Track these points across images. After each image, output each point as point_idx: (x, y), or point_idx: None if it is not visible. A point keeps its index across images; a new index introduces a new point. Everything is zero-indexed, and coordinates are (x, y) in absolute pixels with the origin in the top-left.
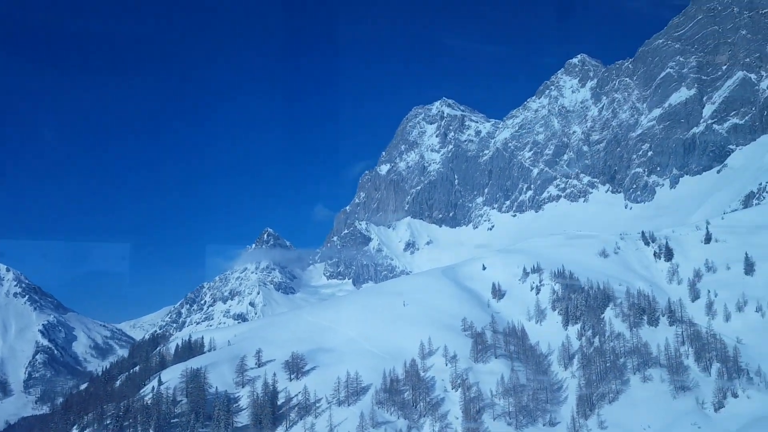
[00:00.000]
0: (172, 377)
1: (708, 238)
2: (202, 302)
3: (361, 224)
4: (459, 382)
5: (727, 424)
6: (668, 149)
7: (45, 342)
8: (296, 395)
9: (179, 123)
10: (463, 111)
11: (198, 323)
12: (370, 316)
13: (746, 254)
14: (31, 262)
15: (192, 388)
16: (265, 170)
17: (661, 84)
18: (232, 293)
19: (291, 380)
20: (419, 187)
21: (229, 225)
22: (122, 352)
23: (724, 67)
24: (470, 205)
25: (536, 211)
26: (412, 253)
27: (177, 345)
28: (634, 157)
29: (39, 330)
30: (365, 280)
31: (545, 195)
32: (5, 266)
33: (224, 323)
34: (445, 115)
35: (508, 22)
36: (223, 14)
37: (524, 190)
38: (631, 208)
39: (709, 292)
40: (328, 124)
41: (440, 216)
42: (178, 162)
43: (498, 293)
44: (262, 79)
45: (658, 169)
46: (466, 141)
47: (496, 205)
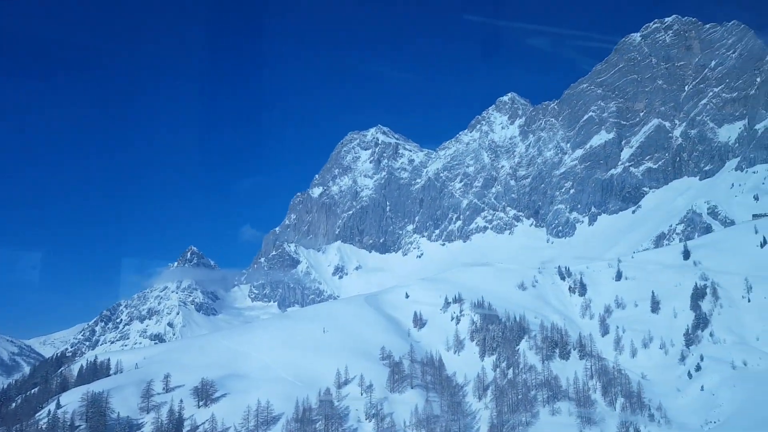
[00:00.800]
0: (72, 400)
1: (619, 276)
2: (118, 320)
3: (290, 246)
4: (373, 412)
5: None
6: (588, 188)
7: None
8: (203, 423)
9: (98, 127)
10: (397, 139)
11: (113, 342)
12: (287, 342)
13: (653, 293)
14: None
15: (92, 413)
16: (190, 186)
17: (584, 126)
18: (150, 312)
19: (200, 407)
20: (351, 212)
21: (150, 240)
22: (30, 371)
23: (641, 114)
24: (401, 232)
25: (464, 241)
26: (340, 277)
27: (81, 366)
28: (557, 193)
29: None
30: (291, 304)
31: (473, 226)
32: None
33: (140, 343)
34: (380, 142)
35: (444, 56)
36: (149, 37)
37: (453, 220)
38: (552, 243)
39: (617, 327)
40: (260, 144)
41: (371, 242)
42: (97, 169)
43: (419, 322)
44: (190, 91)
45: (579, 206)
46: (399, 169)
47: (426, 234)
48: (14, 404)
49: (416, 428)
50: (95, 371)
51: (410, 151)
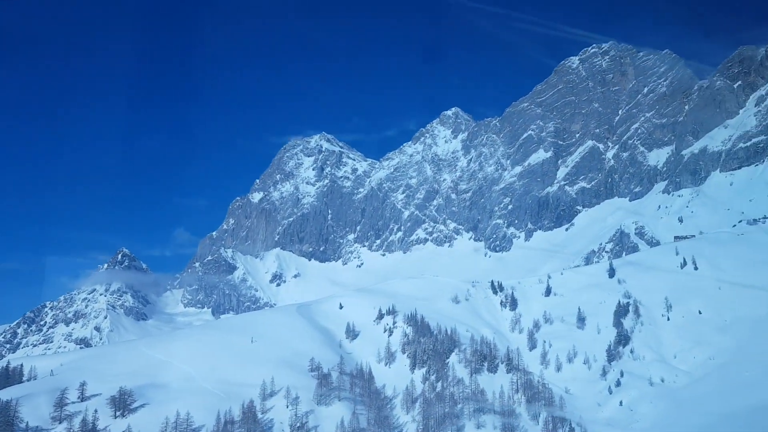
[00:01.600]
0: None
1: (548, 292)
2: (42, 323)
3: (226, 252)
4: (298, 425)
5: None
6: (525, 205)
7: None
8: None
9: (27, 124)
10: (341, 147)
11: (35, 345)
12: (213, 351)
13: (579, 309)
14: None
15: None
16: (124, 187)
17: (523, 144)
18: (76, 315)
19: (116, 418)
20: (291, 219)
21: (79, 241)
22: None
23: (577, 135)
24: (341, 241)
25: (404, 252)
26: (278, 285)
27: None
28: (496, 209)
29: None
30: (226, 311)
31: (414, 237)
32: None
33: (65, 347)
34: (324, 149)
35: (390, 68)
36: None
37: (395, 230)
38: (490, 257)
39: (545, 342)
40: (199, 146)
41: (310, 249)
42: (27, 167)
43: (352, 333)
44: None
45: (516, 222)
46: (342, 177)
47: (367, 243)
48: None
49: None
50: (7, 377)
51: (354, 160)
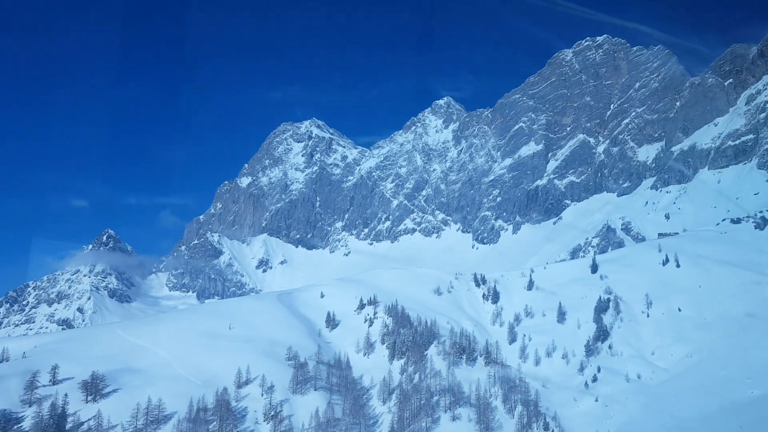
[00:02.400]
0: None
1: (530, 285)
2: (25, 303)
3: (213, 236)
4: (272, 414)
5: None
6: (514, 197)
7: None
8: (88, 420)
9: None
10: (331, 134)
11: (17, 325)
12: (190, 337)
13: (560, 303)
14: None
15: None
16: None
17: (514, 136)
18: (59, 296)
19: (88, 402)
20: (279, 205)
21: (64, 221)
22: None
23: (568, 128)
24: (329, 229)
25: (392, 242)
26: (264, 271)
27: None
28: (485, 200)
29: None
30: (211, 295)
31: (402, 227)
32: None
33: (46, 328)
34: (314, 135)
35: (383, 56)
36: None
37: (383, 220)
38: (477, 248)
39: (524, 336)
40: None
41: (298, 236)
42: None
43: (332, 323)
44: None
45: (504, 214)
46: (331, 164)
47: (355, 232)
48: None
49: (315, 431)
50: None
51: (344, 147)
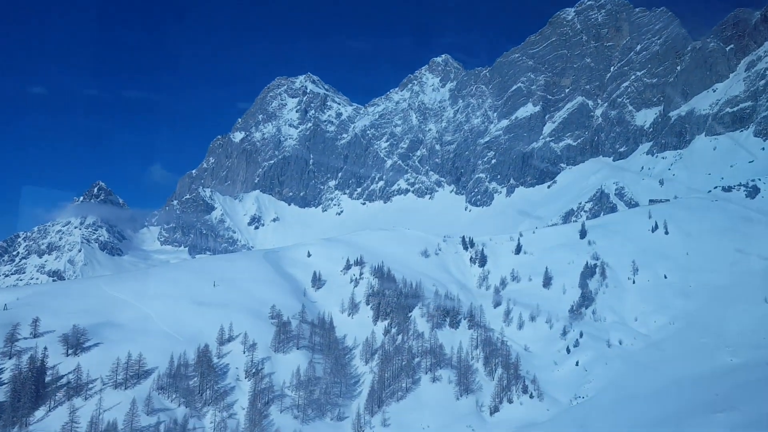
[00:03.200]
0: None
1: (518, 250)
2: (15, 253)
3: (205, 191)
4: (254, 371)
5: (497, 428)
6: (509, 160)
7: None
8: (68, 374)
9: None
10: (326, 90)
11: (7, 276)
12: (174, 293)
13: (546, 268)
14: None
15: None
16: (101, 116)
17: (512, 96)
18: (50, 247)
19: (68, 356)
20: (272, 161)
21: (54, 172)
22: None
23: (567, 90)
24: (322, 187)
25: (385, 202)
26: (256, 228)
27: None
28: (480, 162)
29: None
30: (203, 251)
31: (395, 187)
32: None
33: (37, 279)
34: (308, 91)
35: (381, 12)
36: None
37: (376, 179)
38: (470, 211)
39: (509, 300)
40: (181, 82)
41: (290, 194)
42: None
43: (318, 282)
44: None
45: (499, 177)
46: (325, 121)
47: (348, 191)
48: None
49: (296, 390)
50: None
51: (339, 104)
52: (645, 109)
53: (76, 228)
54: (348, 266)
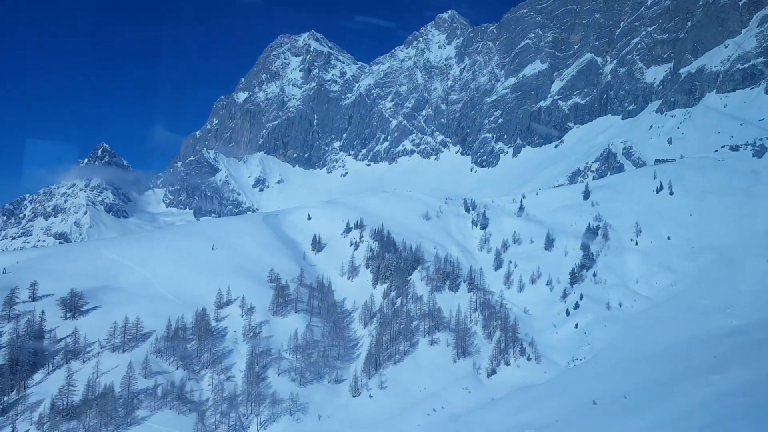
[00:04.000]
0: None
1: (521, 212)
2: (21, 216)
3: (209, 153)
4: (251, 334)
5: (494, 390)
6: (516, 119)
7: None
8: (66, 337)
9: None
10: (330, 49)
11: (14, 238)
12: (173, 256)
13: (548, 230)
14: None
15: None
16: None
17: (520, 53)
18: (55, 210)
19: (66, 319)
20: (276, 122)
21: (58, 134)
22: None
23: (575, 47)
24: (326, 149)
25: (390, 163)
26: (261, 190)
27: None
28: (486, 122)
29: None
30: (207, 213)
31: (400, 148)
32: None
33: (44, 242)
34: (312, 49)
35: None
36: None
37: (381, 140)
38: (476, 171)
39: (510, 262)
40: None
41: (295, 155)
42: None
43: (318, 246)
44: None
45: (505, 136)
46: (329, 81)
47: (352, 152)
48: None
49: (294, 353)
50: None
51: (343, 62)
52: (655, 66)
53: (81, 190)
54: (348, 229)
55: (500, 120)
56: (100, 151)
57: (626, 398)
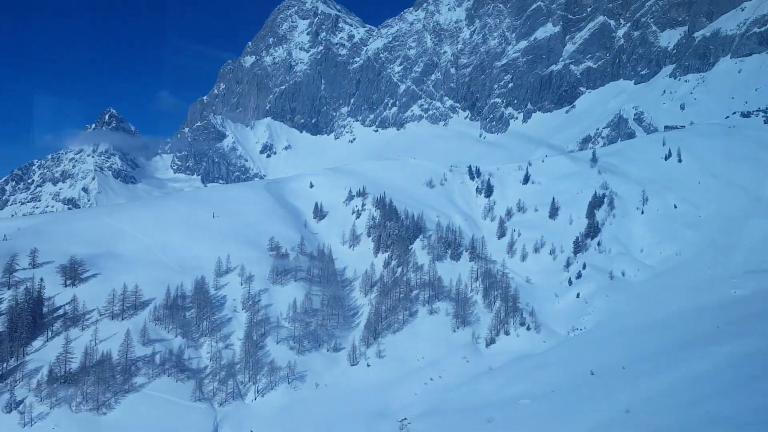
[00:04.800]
0: None
1: (526, 179)
2: (30, 181)
3: (216, 118)
4: (250, 303)
5: (493, 360)
6: (527, 83)
7: None
8: (65, 304)
9: None
10: (338, 11)
11: (23, 203)
12: (173, 224)
13: (554, 198)
14: None
15: None
16: (111, 43)
17: (531, 16)
18: (64, 175)
19: (66, 287)
20: (284, 87)
21: (65, 100)
22: None
23: (588, 9)
24: (334, 114)
25: (398, 129)
26: (268, 156)
27: None
28: (496, 87)
29: None
30: (215, 179)
31: (408, 114)
32: None
33: (52, 207)
34: (320, 12)
35: None
36: None
37: (389, 105)
38: (485, 137)
39: (514, 231)
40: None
41: (302, 121)
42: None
43: (320, 214)
44: None
45: (515, 102)
46: (337, 44)
47: (360, 118)
48: None
49: (292, 321)
50: None
51: (351, 25)
52: (669, 29)
53: (89, 156)
54: (350, 197)
55: (510, 84)
56: (107, 117)
57: (624, 368)
